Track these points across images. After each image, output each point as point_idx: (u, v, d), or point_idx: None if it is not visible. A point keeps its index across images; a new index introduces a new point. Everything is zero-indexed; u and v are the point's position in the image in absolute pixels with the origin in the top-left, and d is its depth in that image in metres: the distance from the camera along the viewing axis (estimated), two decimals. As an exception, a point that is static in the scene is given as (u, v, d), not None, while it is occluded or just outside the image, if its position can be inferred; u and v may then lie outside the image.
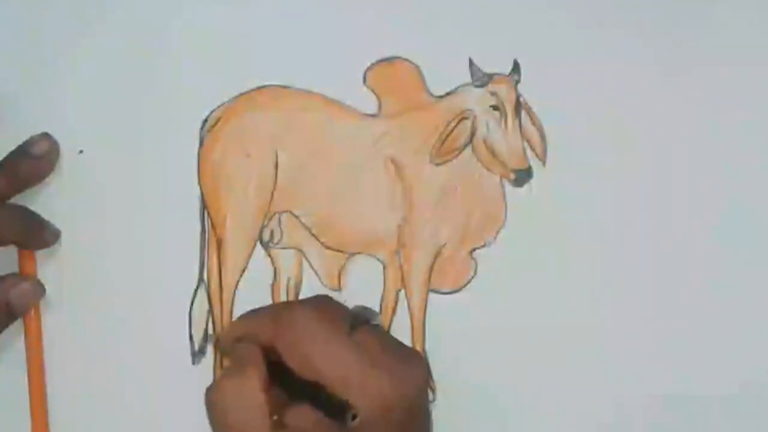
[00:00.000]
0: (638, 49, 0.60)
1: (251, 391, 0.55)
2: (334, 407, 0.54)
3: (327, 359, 0.54)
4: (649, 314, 0.60)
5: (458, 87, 0.60)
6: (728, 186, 0.60)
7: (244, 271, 0.60)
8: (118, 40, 0.60)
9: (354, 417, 0.53)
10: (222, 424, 0.55)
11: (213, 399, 0.55)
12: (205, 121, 0.60)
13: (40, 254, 0.59)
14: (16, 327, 0.59)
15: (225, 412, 0.55)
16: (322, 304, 0.58)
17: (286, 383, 0.55)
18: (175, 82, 0.60)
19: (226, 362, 0.59)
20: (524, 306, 0.60)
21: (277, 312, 0.58)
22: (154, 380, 0.60)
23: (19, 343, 0.59)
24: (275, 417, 0.54)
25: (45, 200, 0.59)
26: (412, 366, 0.56)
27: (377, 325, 0.59)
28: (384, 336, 0.58)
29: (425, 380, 0.57)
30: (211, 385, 0.56)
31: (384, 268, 0.61)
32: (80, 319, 0.60)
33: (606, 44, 0.60)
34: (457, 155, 0.60)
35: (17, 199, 0.59)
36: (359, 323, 0.57)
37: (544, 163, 0.60)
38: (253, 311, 0.59)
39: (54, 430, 0.59)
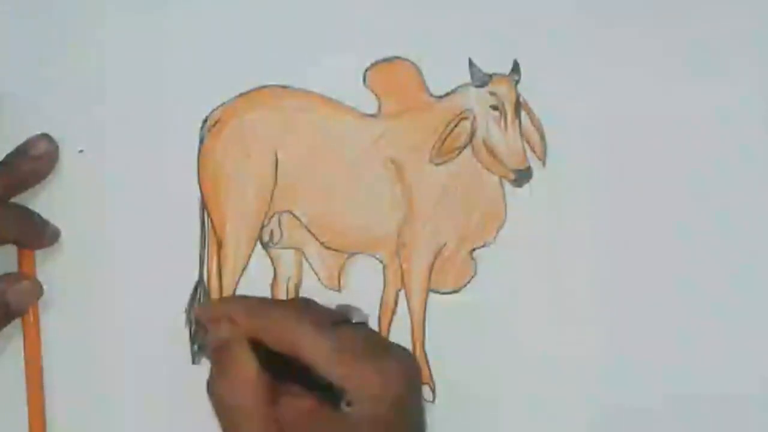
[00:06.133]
0: (638, 49, 0.60)
1: (251, 378, 0.54)
2: (326, 388, 0.53)
3: (312, 350, 0.54)
4: (649, 313, 0.60)
5: (458, 87, 0.60)
6: (728, 185, 0.60)
7: (244, 271, 0.60)
8: (118, 40, 0.60)
9: (349, 403, 0.53)
10: (225, 415, 0.55)
11: (216, 391, 0.55)
12: (205, 121, 0.60)
13: (39, 254, 0.59)
14: (15, 327, 0.59)
15: (226, 402, 0.55)
16: (301, 301, 0.58)
17: (274, 365, 0.55)
18: (175, 82, 0.60)
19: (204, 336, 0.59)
20: (524, 306, 0.60)
21: (251, 306, 0.57)
22: (154, 380, 0.60)
23: (18, 343, 0.59)
24: None
25: (45, 200, 0.59)
26: (398, 360, 0.55)
27: (361, 323, 0.58)
28: (368, 332, 0.58)
29: (413, 376, 0.56)
30: (211, 376, 0.56)
31: (384, 268, 0.61)
32: (79, 319, 0.60)
33: (606, 44, 0.60)
34: (457, 155, 0.60)
35: (17, 199, 0.58)
36: (340, 321, 0.56)
37: (543, 163, 0.60)
38: (229, 299, 0.59)
39: (52, 430, 0.59)
